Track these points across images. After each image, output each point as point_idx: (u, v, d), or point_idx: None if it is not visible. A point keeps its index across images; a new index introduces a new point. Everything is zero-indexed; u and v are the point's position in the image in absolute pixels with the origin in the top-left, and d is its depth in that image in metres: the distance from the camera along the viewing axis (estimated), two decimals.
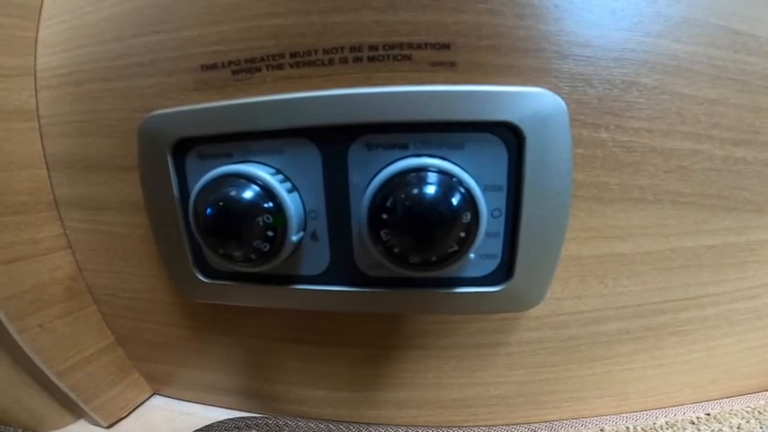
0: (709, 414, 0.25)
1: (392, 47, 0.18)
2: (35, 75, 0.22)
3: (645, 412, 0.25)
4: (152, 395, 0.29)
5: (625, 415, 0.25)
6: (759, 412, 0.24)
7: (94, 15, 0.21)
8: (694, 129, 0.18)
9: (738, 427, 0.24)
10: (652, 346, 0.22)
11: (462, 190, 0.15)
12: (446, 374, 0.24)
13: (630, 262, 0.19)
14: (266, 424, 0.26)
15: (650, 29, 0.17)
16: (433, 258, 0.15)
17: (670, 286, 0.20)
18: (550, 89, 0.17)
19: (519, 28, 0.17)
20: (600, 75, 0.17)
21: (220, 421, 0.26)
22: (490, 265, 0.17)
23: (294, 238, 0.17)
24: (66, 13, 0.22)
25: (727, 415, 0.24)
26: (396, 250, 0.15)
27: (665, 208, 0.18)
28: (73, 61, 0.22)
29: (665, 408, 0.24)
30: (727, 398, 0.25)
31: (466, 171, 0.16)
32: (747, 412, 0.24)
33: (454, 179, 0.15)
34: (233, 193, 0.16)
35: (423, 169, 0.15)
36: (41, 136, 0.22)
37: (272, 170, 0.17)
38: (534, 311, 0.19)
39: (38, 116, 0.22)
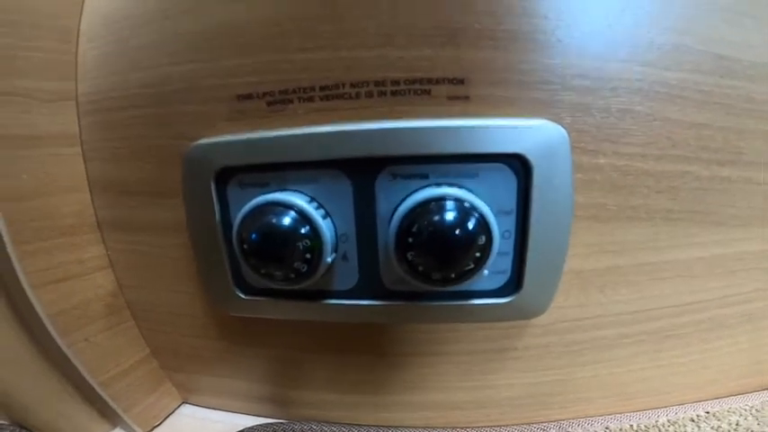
0: (708, 412, 0.28)
1: (413, 82, 0.21)
2: (77, 99, 0.26)
3: (648, 411, 0.28)
4: (182, 403, 0.32)
5: (629, 414, 0.28)
6: (756, 410, 0.28)
7: (132, 42, 0.24)
8: (683, 152, 0.21)
9: (737, 424, 0.27)
10: (650, 349, 0.25)
11: (477, 215, 0.18)
12: (459, 378, 0.27)
13: (627, 273, 0.23)
14: (292, 429, 0.29)
15: (645, 58, 0.21)
16: (453, 275, 0.19)
17: (664, 294, 0.23)
18: (554, 119, 0.21)
19: (525, 62, 0.21)
20: (598, 104, 0.21)
21: (248, 428, 0.29)
22: (501, 280, 0.21)
23: (328, 260, 0.20)
24: (104, 37, 0.25)
25: (726, 413, 0.28)
26: (420, 269, 0.19)
27: (657, 225, 0.22)
28: (112, 87, 0.25)
29: (666, 407, 0.28)
30: (726, 397, 0.29)
31: (480, 198, 0.19)
32: (745, 410, 0.28)
33: (470, 206, 0.18)
34: (275, 220, 0.19)
35: (442, 198, 0.18)
36: (84, 160, 0.26)
37: (308, 198, 0.20)
38: (540, 319, 0.23)
39: (81, 141, 0.26)
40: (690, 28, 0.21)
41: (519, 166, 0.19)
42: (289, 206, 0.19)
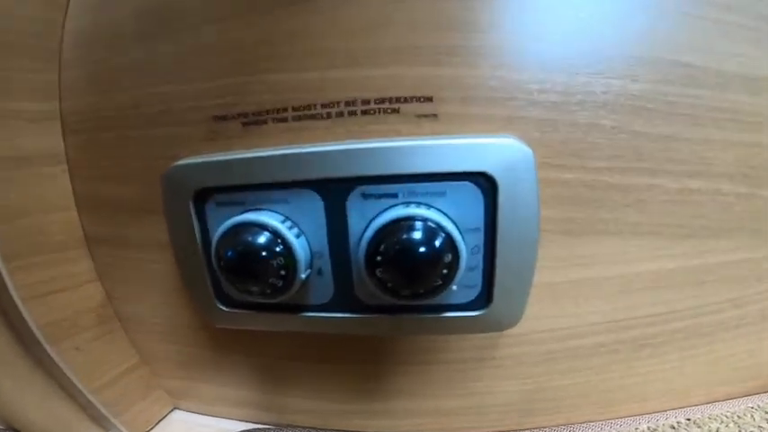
0: (689, 419, 0.29)
1: (382, 101, 0.22)
2: (62, 119, 0.27)
3: (628, 418, 0.29)
4: (173, 409, 0.34)
5: (610, 421, 0.29)
6: (738, 416, 0.29)
7: (111, 62, 0.25)
8: (650, 165, 0.22)
9: (717, 431, 0.28)
10: (627, 358, 0.26)
11: (443, 235, 0.19)
12: (443, 386, 0.28)
13: (599, 285, 0.23)
14: None
15: (610, 70, 0.21)
16: (421, 291, 0.20)
17: (636, 305, 0.24)
18: (521, 135, 0.21)
19: (493, 78, 0.21)
20: (564, 119, 0.22)
21: None
22: (472, 294, 0.22)
23: (302, 276, 0.21)
24: (85, 57, 0.26)
25: (707, 420, 0.29)
26: (389, 285, 0.20)
27: (626, 238, 0.23)
28: (95, 107, 0.26)
29: (647, 414, 0.29)
30: (708, 404, 0.30)
31: (447, 216, 0.20)
32: (727, 417, 0.29)
33: (436, 226, 0.19)
34: (250, 239, 0.20)
35: (410, 219, 0.19)
36: (71, 178, 0.27)
37: (282, 217, 0.21)
38: (515, 330, 0.24)
39: (67, 159, 0.27)
40: (655, 37, 0.21)
41: (485, 183, 0.20)
42: (263, 226, 0.20)
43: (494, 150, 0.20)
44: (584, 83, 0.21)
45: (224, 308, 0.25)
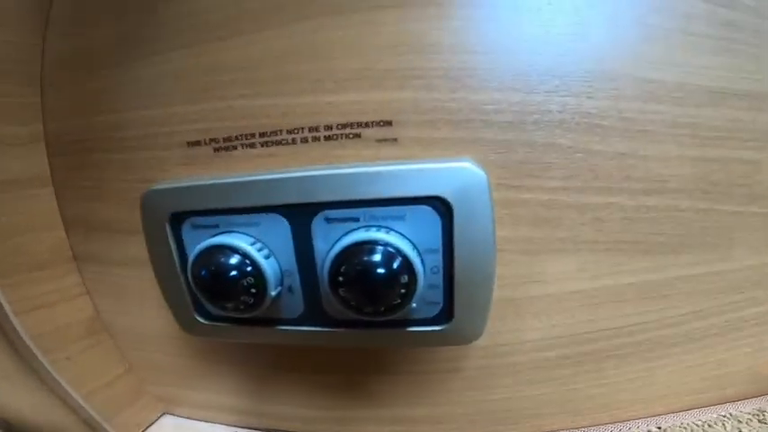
0: (660, 427, 0.30)
1: (344, 126, 0.23)
2: (46, 141, 0.29)
3: (600, 426, 0.30)
4: (162, 414, 0.36)
5: (583, 429, 0.31)
6: (709, 425, 0.30)
7: (91, 86, 0.27)
8: (606, 183, 0.23)
9: None
10: (592, 369, 0.27)
11: (401, 258, 0.21)
12: (415, 395, 0.30)
13: (559, 300, 0.25)
14: None
15: (566, 88, 0.22)
16: (382, 309, 0.21)
17: (598, 318, 0.25)
18: (479, 157, 0.23)
19: (450, 101, 0.23)
20: (521, 139, 0.23)
21: None
22: (434, 310, 0.23)
23: (273, 293, 0.23)
24: (65, 80, 0.28)
25: (678, 428, 0.30)
26: (352, 303, 0.22)
27: (583, 255, 0.24)
28: (77, 129, 0.28)
29: (617, 422, 0.30)
30: (680, 412, 0.31)
31: (407, 238, 0.22)
32: (698, 425, 0.30)
33: (394, 249, 0.21)
34: (221, 260, 0.22)
35: (369, 242, 0.21)
36: (57, 199, 0.29)
37: (252, 239, 0.23)
38: (480, 342, 0.25)
39: (52, 180, 0.29)
40: (613, 51, 0.22)
41: (442, 207, 0.21)
42: (233, 249, 0.22)
43: (448, 175, 0.21)
44: (540, 102, 0.22)
45: (203, 321, 0.27)
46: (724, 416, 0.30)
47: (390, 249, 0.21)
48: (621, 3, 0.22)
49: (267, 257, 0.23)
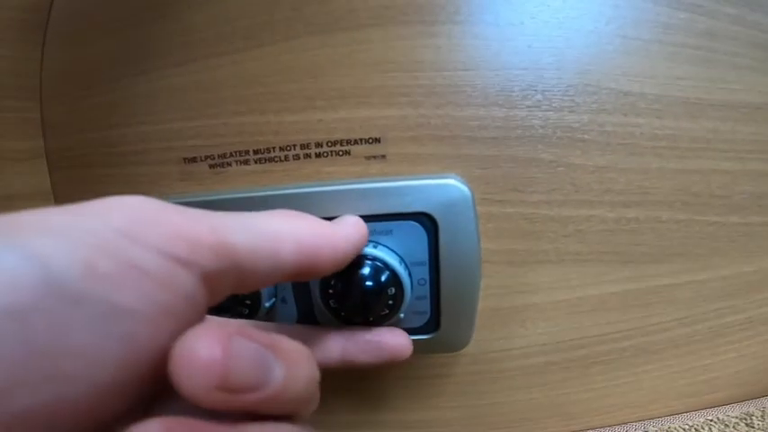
0: (647, 431, 0.32)
1: (334, 143, 0.25)
2: (47, 156, 0.31)
3: (589, 431, 0.32)
4: None
5: None
6: (696, 429, 0.32)
7: (89, 100, 0.29)
8: (587, 196, 0.25)
9: None
10: (579, 375, 0.29)
11: (388, 271, 0.22)
12: (408, 399, 0.32)
13: (544, 309, 0.27)
14: None
15: (548, 102, 0.24)
16: (370, 319, 0.23)
17: (583, 326, 0.27)
18: (464, 173, 0.24)
19: (436, 117, 0.24)
20: (505, 154, 0.24)
21: None
22: (422, 320, 0.25)
23: (267, 305, 0.25)
24: (64, 95, 0.30)
25: None
26: (342, 314, 0.23)
27: (567, 266, 0.26)
28: (78, 144, 0.30)
29: (605, 426, 0.32)
30: (667, 416, 0.32)
31: (395, 252, 0.23)
32: (685, 430, 0.32)
33: (382, 263, 0.22)
34: None
35: (358, 257, 0.22)
36: None
37: None
38: (469, 350, 0.27)
39: (54, 196, 0.31)
40: (594, 64, 0.23)
41: (428, 222, 0.23)
42: None
43: (433, 191, 0.23)
44: (523, 117, 0.24)
45: None
46: (711, 420, 0.32)
47: (378, 264, 0.22)
48: (602, 16, 0.23)
49: None
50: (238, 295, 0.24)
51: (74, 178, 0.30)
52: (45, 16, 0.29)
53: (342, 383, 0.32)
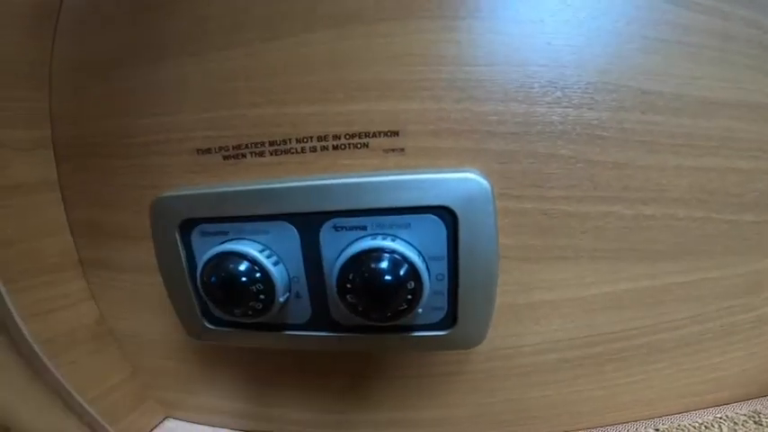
0: (658, 429, 0.32)
1: (352, 136, 0.25)
2: (54, 146, 0.30)
3: (599, 428, 0.32)
4: (165, 418, 0.38)
5: (582, 431, 0.33)
6: (705, 427, 0.32)
7: (100, 90, 0.29)
8: (605, 193, 0.25)
9: None
10: (592, 372, 0.29)
11: (407, 265, 0.22)
12: (418, 397, 0.32)
13: (558, 306, 0.27)
14: None
15: (568, 99, 0.24)
16: (388, 314, 0.23)
17: (596, 323, 0.27)
18: (483, 167, 0.25)
19: (456, 111, 0.24)
20: (524, 149, 0.25)
21: None
22: (439, 315, 0.25)
23: (281, 299, 0.25)
24: (74, 85, 0.29)
25: (675, 430, 0.32)
26: (359, 308, 0.23)
27: (583, 263, 0.26)
28: (85, 135, 0.29)
29: (616, 424, 0.32)
30: (678, 414, 0.33)
31: (413, 246, 0.23)
32: (695, 427, 0.32)
33: (401, 257, 0.22)
34: (231, 267, 0.24)
35: (377, 250, 0.22)
36: (65, 204, 0.31)
37: (261, 247, 0.25)
38: (483, 347, 0.27)
39: (60, 186, 0.31)
40: (614, 62, 0.24)
41: (447, 216, 0.23)
42: (243, 256, 0.24)
43: (454, 185, 0.23)
44: (543, 113, 0.24)
45: (210, 326, 0.28)
46: (720, 418, 0.32)
47: (397, 257, 0.22)
48: (623, 16, 0.24)
49: (276, 264, 0.25)
50: (253, 290, 0.24)
51: (82, 169, 0.30)
52: (57, 4, 0.29)
53: (350, 383, 0.32)
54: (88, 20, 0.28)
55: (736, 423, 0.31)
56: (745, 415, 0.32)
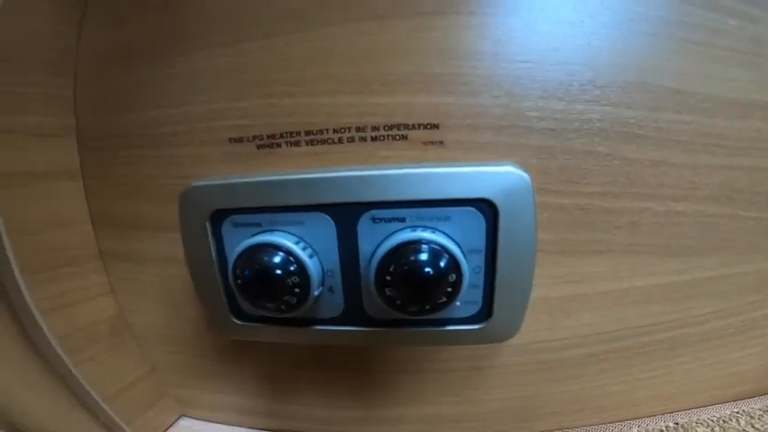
0: (677, 423, 0.33)
1: (391, 127, 0.25)
2: (77, 135, 0.29)
3: (620, 423, 0.33)
4: (180, 416, 0.37)
5: (603, 425, 0.33)
6: (724, 421, 0.33)
7: (127, 80, 0.28)
8: (641, 189, 0.25)
9: None
10: (616, 366, 0.29)
11: (448, 256, 0.22)
12: (441, 393, 0.32)
13: (590, 300, 0.27)
14: None
15: (606, 98, 0.24)
16: (427, 307, 0.23)
17: (626, 317, 0.28)
18: (521, 162, 0.24)
19: (496, 107, 0.24)
20: (562, 145, 0.25)
21: None
22: (473, 309, 0.25)
23: (315, 293, 0.24)
24: (101, 73, 0.28)
25: (694, 424, 0.32)
26: (398, 302, 0.23)
27: (617, 257, 0.26)
28: (112, 124, 0.28)
29: (637, 418, 0.33)
30: (697, 408, 0.33)
31: (452, 239, 0.23)
32: (713, 421, 0.32)
33: (441, 248, 0.22)
34: (266, 259, 0.23)
35: (417, 242, 0.22)
36: (86, 194, 0.30)
37: (296, 238, 0.24)
38: (512, 341, 0.27)
39: (83, 175, 0.30)
40: (649, 63, 0.24)
41: (487, 209, 0.23)
42: (278, 247, 0.23)
43: (495, 178, 0.23)
44: (581, 110, 0.24)
45: (238, 321, 0.27)
46: (737, 412, 0.33)
47: (438, 249, 0.22)
48: (659, 20, 0.24)
49: (311, 257, 0.24)
50: (288, 284, 0.23)
51: (104, 159, 0.29)
52: None
53: (371, 378, 0.32)
54: (118, 7, 0.27)
55: (752, 417, 0.32)
56: (761, 409, 0.33)
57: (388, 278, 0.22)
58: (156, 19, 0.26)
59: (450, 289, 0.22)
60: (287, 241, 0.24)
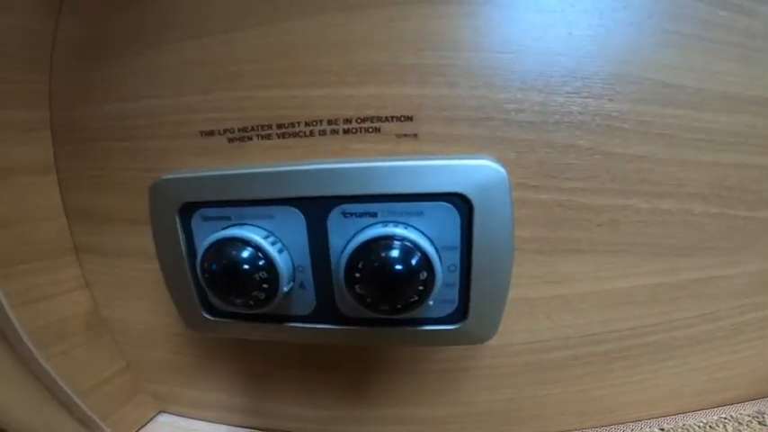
0: (663, 429, 0.32)
1: (364, 120, 0.24)
2: (52, 129, 0.29)
3: (603, 428, 0.32)
4: (159, 413, 0.36)
5: (588, 430, 0.32)
6: (710, 427, 0.31)
7: (101, 73, 0.27)
8: (623, 186, 0.24)
9: None
10: (600, 370, 0.28)
11: (419, 254, 0.21)
12: (426, 394, 0.31)
13: (571, 301, 0.26)
14: None
15: (588, 90, 0.23)
16: (398, 306, 0.22)
17: (609, 320, 0.26)
18: (499, 156, 0.23)
19: (472, 98, 0.23)
20: (541, 139, 0.23)
21: None
22: (449, 308, 0.24)
23: (285, 289, 0.23)
24: (75, 67, 0.27)
25: (680, 430, 0.31)
26: (368, 300, 0.22)
27: (598, 256, 0.25)
28: (85, 117, 0.28)
29: (621, 423, 0.31)
30: (682, 413, 0.32)
31: (425, 235, 0.22)
32: (699, 427, 0.31)
33: (413, 245, 0.21)
34: (234, 254, 0.22)
35: (388, 238, 0.21)
36: (60, 188, 0.29)
37: (265, 233, 0.23)
38: (492, 342, 0.26)
39: (56, 169, 0.29)
40: (635, 55, 0.23)
41: (461, 204, 0.22)
42: (246, 242, 0.22)
43: (469, 172, 0.22)
44: (562, 102, 0.23)
45: (209, 317, 0.27)
46: (725, 418, 0.31)
47: (409, 245, 0.21)
48: (644, 9, 0.23)
49: (280, 252, 0.23)
50: (256, 279, 0.23)
51: (78, 152, 0.28)
52: None
53: (352, 378, 0.31)
54: (91, 2, 0.26)
55: (740, 423, 0.31)
56: (749, 415, 0.31)
57: (358, 275, 0.21)
58: (126, 13, 0.25)
59: (421, 287, 0.21)
60: (255, 235, 0.23)
